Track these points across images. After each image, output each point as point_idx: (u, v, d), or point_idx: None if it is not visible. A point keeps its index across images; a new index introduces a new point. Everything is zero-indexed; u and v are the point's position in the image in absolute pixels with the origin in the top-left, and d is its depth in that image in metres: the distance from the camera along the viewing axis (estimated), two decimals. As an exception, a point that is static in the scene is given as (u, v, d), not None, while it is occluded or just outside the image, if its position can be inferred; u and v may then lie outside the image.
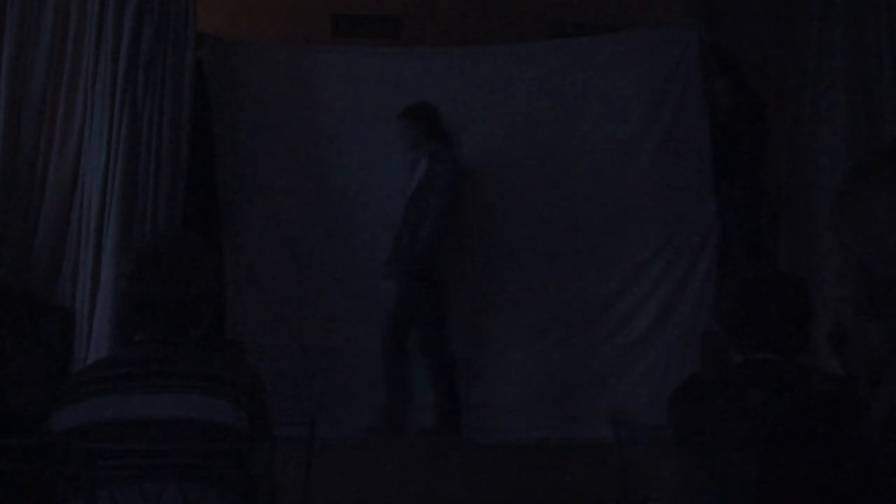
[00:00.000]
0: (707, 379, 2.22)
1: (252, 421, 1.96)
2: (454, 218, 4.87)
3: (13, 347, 2.48)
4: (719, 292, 4.78)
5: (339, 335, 5.00)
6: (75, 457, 1.92)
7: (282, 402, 4.62)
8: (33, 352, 2.51)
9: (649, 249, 5.08)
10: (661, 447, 2.27)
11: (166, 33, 4.24)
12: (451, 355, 4.76)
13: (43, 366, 2.47)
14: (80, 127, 4.26)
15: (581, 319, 5.07)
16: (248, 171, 5.05)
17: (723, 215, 4.96)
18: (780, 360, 2.05)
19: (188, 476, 1.91)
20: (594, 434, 3.99)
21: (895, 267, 1.30)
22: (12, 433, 2.11)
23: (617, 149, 5.19)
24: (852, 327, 3.13)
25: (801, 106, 4.76)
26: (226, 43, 5.15)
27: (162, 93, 4.25)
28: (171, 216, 4.24)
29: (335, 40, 6.35)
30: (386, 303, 4.79)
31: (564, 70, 5.28)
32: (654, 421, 2.40)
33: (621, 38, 5.48)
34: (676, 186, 5.10)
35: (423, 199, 4.72)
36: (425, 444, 4.51)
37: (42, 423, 2.00)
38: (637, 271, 5.09)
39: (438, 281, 4.77)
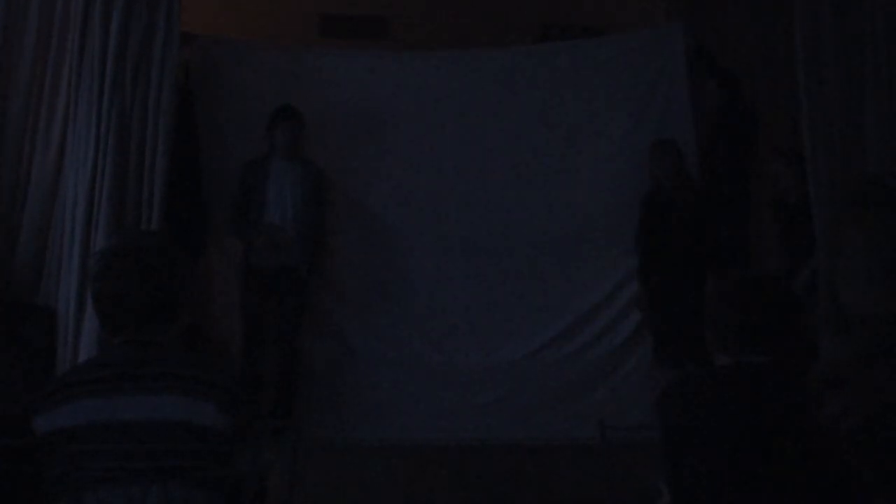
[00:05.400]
0: (695, 380, 2.22)
1: (235, 422, 1.96)
2: None
3: (-5, 348, 2.46)
4: (707, 295, 4.80)
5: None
6: (60, 458, 1.90)
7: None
8: (15, 352, 2.49)
9: (634, 255, 5.08)
10: (646, 448, 2.27)
11: (154, 31, 4.20)
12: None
13: (25, 366, 2.45)
14: (63, 123, 4.22)
15: (569, 322, 5.08)
16: (234, 171, 5.02)
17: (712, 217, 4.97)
18: (767, 363, 2.05)
19: (173, 478, 1.90)
20: (581, 435, 4.00)
21: (863, 294, 1.36)
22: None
23: (603, 152, 5.19)
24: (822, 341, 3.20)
25: (787, 113, 4.74)
26: (213, 42, 5.13)
27: (147, 92, 4.21)
28: (162, 215, 4.20)
29: (323, 41, 6.35)
30: None
31: (552, 73, 5.30)
32: (638, 423, 2.40)
33: (608, 42, 5.50)
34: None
35: None
36: (417, 446, 4.51)
37: (24, 424, 1.98)
38: (622, 277, 5.09)
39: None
